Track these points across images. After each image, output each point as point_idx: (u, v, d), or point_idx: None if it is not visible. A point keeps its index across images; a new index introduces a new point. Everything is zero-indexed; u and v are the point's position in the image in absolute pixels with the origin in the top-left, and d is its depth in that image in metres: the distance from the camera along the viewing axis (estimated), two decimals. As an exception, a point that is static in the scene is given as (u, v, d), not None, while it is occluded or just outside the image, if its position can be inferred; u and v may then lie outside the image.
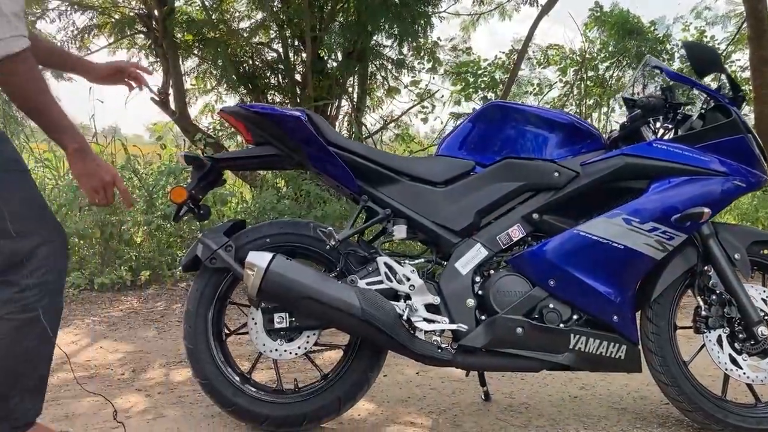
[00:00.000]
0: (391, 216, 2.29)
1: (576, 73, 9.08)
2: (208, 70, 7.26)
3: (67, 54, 2.19)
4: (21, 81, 1.65)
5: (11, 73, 1.63)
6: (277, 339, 2.28)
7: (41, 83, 1.68)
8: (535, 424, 2.37)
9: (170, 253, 4.82)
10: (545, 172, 2.27)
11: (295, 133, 2.27)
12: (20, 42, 1.62)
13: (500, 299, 2.20)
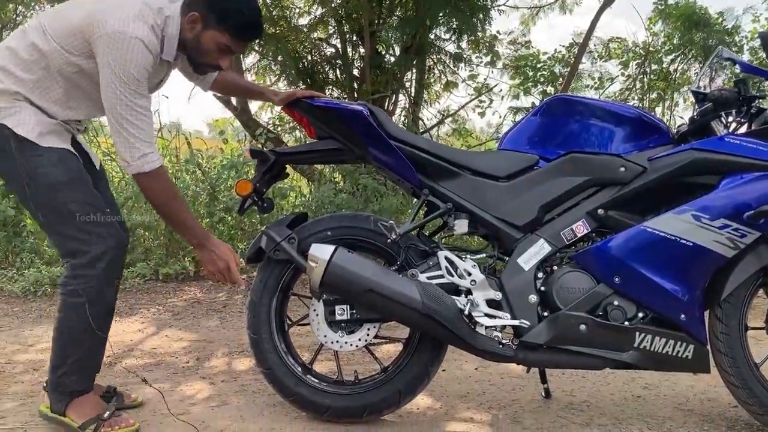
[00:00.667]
0: (452, 210, 2.29)
1: (639, 67, 8.84)
2: (269, 66, 7.36)
3: (251, 84, 2.50)
4: (152, 193, 2.10)
5: (144, 187, 2.09)
6: (338, 331, 2.30)
7: (170, 194, 2.12)
8: (597, 423, 2.33)
9: (232, 245, 4.91)
10: (611, 166, 2.23)
11: (357, 126, 2.28)
12: (149, 164, 2.04)
13: (563, 296, 2.18)
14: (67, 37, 2.01)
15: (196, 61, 2.19)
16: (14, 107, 2.02)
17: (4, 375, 2.85)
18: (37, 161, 2.03)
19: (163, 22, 2.07)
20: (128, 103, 1.99)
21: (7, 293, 4.16)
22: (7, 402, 2.52)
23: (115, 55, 1.96)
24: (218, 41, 2.10)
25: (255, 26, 2.16)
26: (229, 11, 2.07)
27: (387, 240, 2.28)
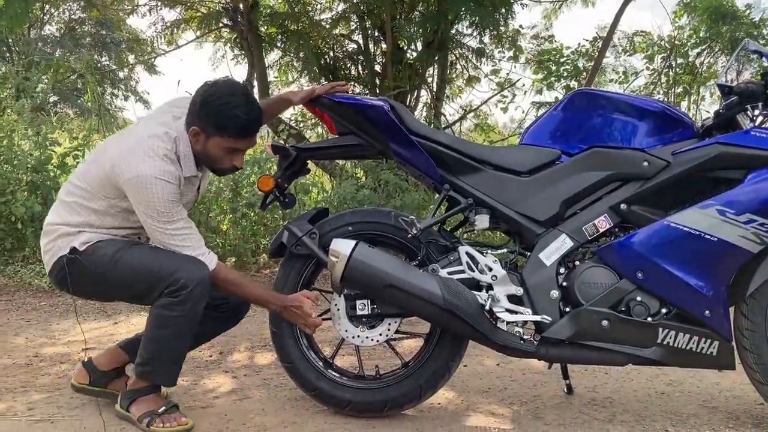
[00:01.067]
0: (473, 205, 2.28)
1: (664, 61, 8.73)
2: (291, 62, 7.40)
3: (271, 102, 2.54)
4: (222, 286, 2.25)
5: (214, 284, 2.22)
6: (359, 325, 2.31)
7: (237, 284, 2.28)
8: (620, 420, 2.32)
9: (254, 241, 4.96)
10: (634, 161, 2.21)
11: (377, 122, 2.29)
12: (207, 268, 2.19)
13: (585, 291, 2.16)
14: (101, 186, 2.18)
15: (213, 168, 2.29)
16: (77, 233, 2.21)
17: (32, 368, 2.90)
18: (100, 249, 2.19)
19: (173, 144, 2.19)
20: (166, 232, 2.15)
21: (34, 288, 4.23)
22: (35, 394, 2.56)
23: (140, 198, 2.12)
24: (223, 146, 2.19)
25: (253, 122, 2.19)
26: (225, 118, 2.15)
27: (408, 235, 2.28)
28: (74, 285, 2.23)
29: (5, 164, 4.75)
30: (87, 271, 2.18)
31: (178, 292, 2.12)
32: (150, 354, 2.20)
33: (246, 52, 6.75)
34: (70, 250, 2.19)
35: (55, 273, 2.25)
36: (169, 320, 2.15)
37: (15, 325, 3.59)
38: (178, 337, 2.18)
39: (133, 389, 2.26)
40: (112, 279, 2.17)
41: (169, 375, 2.25)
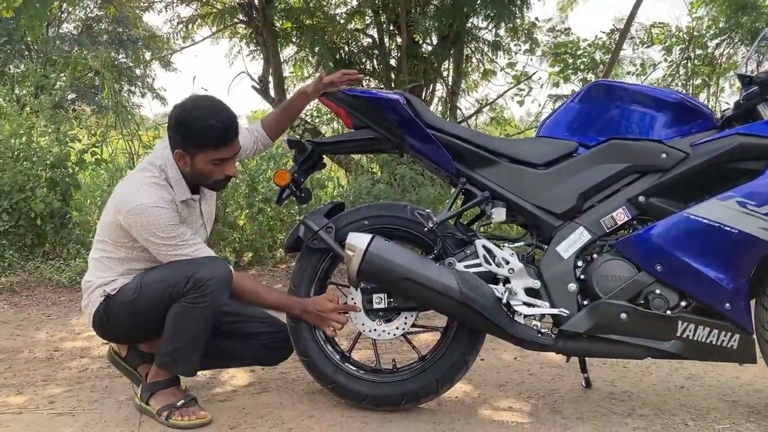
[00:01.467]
0: (489, 199, 2.27)
1: (682, 52, 8.63)
2: (306, 58, 7.40)
3: (287, 105, 2.57)
4: (240, 294, 2.30)
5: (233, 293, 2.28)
6: (376, 319, 2.32)
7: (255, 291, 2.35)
8: (639, 413, 2.30)
9: (271, 236, 4.97)
10: (652, 153, 2.18)
11: (393, 115, 2.28)
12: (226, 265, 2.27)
13: (604, 284, 2.15)
14: (114, 234, 2.26)
15: (208, 185, 2.31)
16: (110, 282, 2.28)
17: (53, 362, 2.94)
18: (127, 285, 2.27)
19: (160, 172, 2.24)
20: (176, 254, 2.21)
21: (54, 283, 4.27)
22: (55, 387, 2.59)
23: (141, 229, 2.17)
24: (209, 160, 2.21)
25: (228, 128, 2.19)
26: (199, 133, 2.17)
27: (424, 229, 2.28)
28: (113, 326, 2.29)
29: (24, 161, 4.80)
30: (120, 305, 2.24)
31: (199, 287, 2.15)
32: (171, 345, 2.22)
33: (261, 47, 6.76)
34: (104, 297, 2.26)
35: (96, 323, 2.32)
36: (191, 313, 2.17)
37: (36, 320, 3.63)
38: (198, 330, 2.20)
39: (153, 382, 2.28)
40: (142, 301, 2.22)
41: (189, 365, 2.27)
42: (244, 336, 2.44)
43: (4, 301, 3.97)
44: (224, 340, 2.42)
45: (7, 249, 4.56)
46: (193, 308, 2.17)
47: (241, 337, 2.44)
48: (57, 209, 4.72)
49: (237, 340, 2.44)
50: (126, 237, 2.24)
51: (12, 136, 4.88)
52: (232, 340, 2.44)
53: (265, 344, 2.44)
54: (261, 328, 2.45)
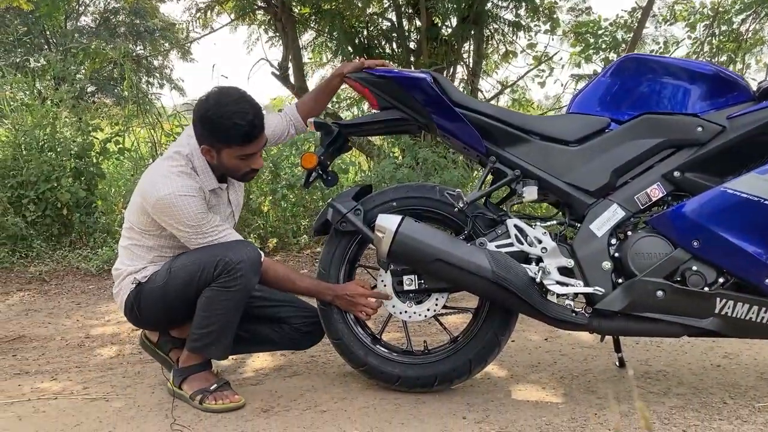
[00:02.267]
0: (520, 177, 2.23)
1: (707, 29, 8.46)
2: (324, 43, 7.36)
3: (320, 88, 2.57)
4: (272, 280, 2.30)
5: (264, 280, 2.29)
6: (407, 301, 2.30)
7: (286, 278, 2.33)
8: (676, 392, 2.27)
9: (294, 222, 4.97)
10: (687, 127, 2.13)
11: (420, 95, 2.25)
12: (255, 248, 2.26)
13: (639, 261, 2.10)
14: (141, 222, 2.27)
15: (236, 178, 2.33)
16: (140, 269, 2.30)
17: (84, 348, 2.96)
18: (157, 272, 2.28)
19: (186, 161, 2.24)
20: (208, 240, 2.21)
21: (82, 271, 4.31)
22: (88, 373, 2.61)
23: (170, 218, 2.18)
24: (235, 155, 2.20)
25: (254, 125, 2.17)
26: (225, 131, 2.15)
27: (453, 209, 2.25)
28: (145, 313, 2.30)
29: (49, 151, 4.83)
30: (151, 291, 2.25)
31: (229, 271, 2.15)
32: (202, 330, 2.22)
33: (280, 33, 6.73)
34: (135, 285, 2.27)
35: (128, 310, 2.33)
36: (221, 297, 2.17)
37: (66, 308, 3.66)
38: (230, 313, 2.20)
39: (185, 367, 2.29)
40: (172, 287, 2.22)
41: (221, 348, 2.27)
42: (274, 320, 2.44)
43: (34, 290, 4.01)
44: (255, 324, 2.42)
45: (35, 239, 4.61)
46: (224, 292, 2.17)
47: (272, 322, 2.44)
48: (82, 199, 4.75)
49: (268, 325, 2.44)
50: (153, 225, 2.25)
51: (36, 127, 4.91)
52: (263, 325, 2.44)
53: (296, 328, 2.44)
54: (292, 312, 2.44)
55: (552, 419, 2.08)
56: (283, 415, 2.16)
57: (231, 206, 2.40)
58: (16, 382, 2.53)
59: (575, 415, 2.11)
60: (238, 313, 2.23)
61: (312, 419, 2.12)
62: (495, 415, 2.12)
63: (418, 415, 2.14)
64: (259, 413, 2.18)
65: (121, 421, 2.14)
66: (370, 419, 2.11)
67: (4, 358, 2.84)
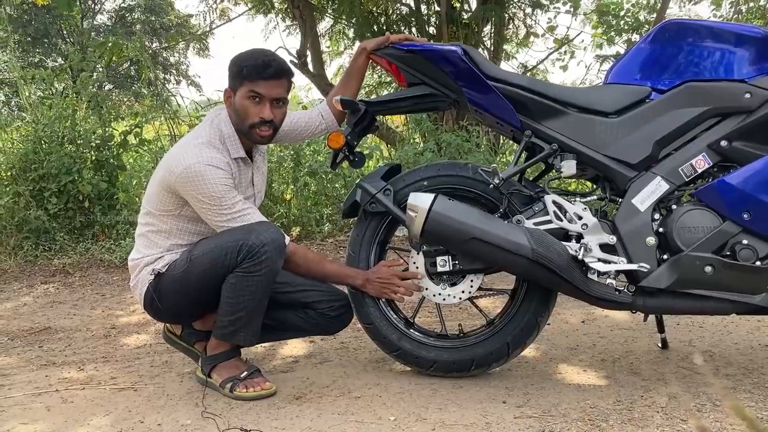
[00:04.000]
0: (558, 151, 2.14)
1: (733, 6, 8.27)
2: (343, 31, 7.27)
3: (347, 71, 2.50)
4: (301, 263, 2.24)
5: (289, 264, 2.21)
6: (440, 283, 2.22)
7: (314, 261, 2.28)
8: (724, 373, 2.17)
9: (317, 210, 4.90)
10: (734, 94, 2.03)
11: (451, 68, 2.17)
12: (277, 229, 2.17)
13: (685, 236, 2.01)
14: (160, 201, 2.21)
15: (246, 129, 2.20)
16: (157, 259, 2.23)
17: (111, 339, 2.92)
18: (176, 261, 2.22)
19: (215, 130, 2.20)
20: (227, 218, 2.13)
21: (106, 263, 4.28)
22: (115, 363, 2.57)
23: (193, 189, 2.11)
24: (246, 94, 2.16)
25: (268, 62, 2.16)
26: (239, 66, 2.17)
27: (487, 187, 2.17)
28: (166, 304, 2.22)
29: (69, 144, 4.81)
30: (171, 282, 2.18)
31: (253, 255, 2.07)
32: (230, 317, 2.15)
33: (298, 20, 6.66)
34: (154, 276, 2.21)
35: (148, 303, 2.26)
36: (247, 282, 2.10)
37: (91, 299, 3.63)
38: (256, 298, 2.13)
39: (214, 354, 2.23)
40: (194, 275, 2.15)
41: (250, 334, 2.20)
42: (301, 306, 2.36)
43: (58, 282, 3.98)
44: (281, 311, 2.34)
45: (58, 232, 4.58)
46: (250, 277, 2.10)
47: (297, 308, 2.36)
48: (104, 191, 4.72)
49: (294, 311, 2.36)
50: (173, 203, 2.18)
51: (56, 120, 4.88)
52: (288, 311, 2.36)
53: (323, 313, 2.35)
54: (318, 297, 2.35)
55: (597, 402, 1.99)
56: (316, 401, 2.09)
57: (254, 189, 2.33)
58: (43, 373, 2.48)
59: (620, 397, 2.02)
60: (265, 298, 2.16)
61: (346, 405, 2.05)
62: (536, 399, 2.04)
63: (456, 400, 2.06)
64: (292, 400, 2.11)
65: (151, 410, 2.09)
66: (406, 404, 2.04)
67: (30, 349, 2.81)
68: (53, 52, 20.41)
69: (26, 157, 4.70)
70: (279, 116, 2.20)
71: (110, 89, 17.70)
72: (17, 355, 2.72)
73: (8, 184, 4.72)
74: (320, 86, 6.81)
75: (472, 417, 1.92)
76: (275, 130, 2.21)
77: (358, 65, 2.42)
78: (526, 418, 1.90)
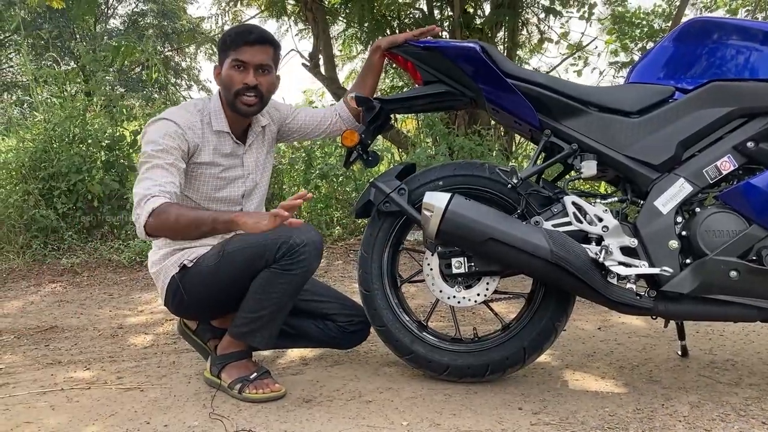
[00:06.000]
0: (578, 151, 2.08)
1: (748, 14, 8.19)
2: (355, 35, 7.25)
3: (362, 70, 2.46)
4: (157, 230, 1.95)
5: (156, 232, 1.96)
6: (455, 285, 2.16)
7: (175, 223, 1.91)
8: (748, 382, 2.10)
9: (327, 213, 4.86)
10: (761, 94, 1.96)
11: (468, 66, 2.12)
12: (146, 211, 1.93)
13: (709, 240, 1.94)
14: None
15: (231, 99, 2.16)
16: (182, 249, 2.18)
17: (118, 338, 2.87)
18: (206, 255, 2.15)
19: (203, 103, 2.23)
20: (146, 161, 2.04)
21: (114, 263, 4.25)
22: (122, 363, 2.52)
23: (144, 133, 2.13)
24: (230, 64, 2.14)
25: (251, 31, 2.17)
26: (225, 38, 2.19)
27: (504, 188, 2.11)
28: (189, 299, 2.15)
29: (80, 143, 4.79)
30: (200, 274, 2.11)
31: (292, 253, 2.01)
32: (252, 314, 2.09)
33: (311, 23, 6.63)
34: (180, 268, 2.14)
35: (171, 296, 2.18)
36: (280, 279, 2.04)
37: (98, 299, 3.59)
38: (284, 298, 2.07)
39: (225, 354, 2.18)
40: (225, 270, 2.08)
41: (267, 336, 2.14)
42: (320, 316, 2.31)
43: (65, 282, 3.95)
44: (300, 319, 2.29)
45: (67, 231, 4.56)
46: (284, 274, 2.03)
47: (316, 318, 2.31)
48: (114, 191, 4.70)
49: (313, 321, 2.31)
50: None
51: (67, 119, 4.87)
52: (307, 320, 2.31)
53: (342, 327, 2.30)
54: (338, 310, 2.31)
55: (616, 410, 1.93)
56: (327, 405, 2.04)
57: (243, 170, 2.25)
58: (49, 372, 2.44)
59: (640, 405, 1.96)
60: (292, 300, 2.11)
61: (357, 409, 2.00)
62: (553, 406, 1.98)
63: (471, 406, 2.00)
64: (301, 403, 2.06)
65: (157, 411, 2.04)
66: (419, 410, 1.98)
67: (36, 348, 2.77)
68: (66, 55, 20.52)
69: (36, 155, 4.69)
70: (265, 84, 2.16)
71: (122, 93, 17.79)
72: (23, 354, 2.68)
73: (18, 183, 4.71)
74: (332, 89, 6.78)
75: (487, 423, 1.86)
76: (261, 99, 2.17)
77: (373, 63, 2.38)
78: (543, 425, 1.84)
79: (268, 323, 2.10)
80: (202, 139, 2.14)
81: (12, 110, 6.86)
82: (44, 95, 5.36)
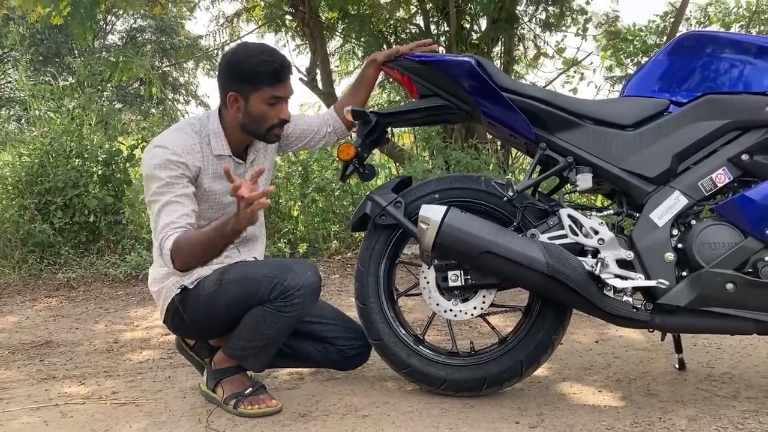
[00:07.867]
0: (573, 164, 2.09)
1: (742, 29, 8.26)
2: (352, 50, 7.28)
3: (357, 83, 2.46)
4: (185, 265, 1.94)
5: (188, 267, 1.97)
6: (451, 298, 2.16)
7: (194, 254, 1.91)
8: (746, 396, 2.09)
9: (324, 227, 4.86)
10: (755, 107, 1.97)
11: (464, 80, 2.13)
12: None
13: (705, 252, 1.94)
14: None
15: (262, 132, 2.13)
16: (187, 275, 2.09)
17: (113, 353, 2.86)
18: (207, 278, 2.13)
19: (200, 123, 2.14)
20: (154, 200, 2.00)
21: (110, 278, 4.23)
22: (117, 378, 2.51)
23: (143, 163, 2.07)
24: (263, 99, 2.06)
25: (283, 66, 2.07)
26: (253, 70, 2.04)
27: (500, 200, 2.12)
28: (188, 320, 2.14)
29: (76, 158, 4.79)
30: (199, 298, 2.10)
31: (286, 296, 2.00)
32: (244, 342, 2.09)
33: (308, 38, 6.67)
34: (180, 290, 2.13)
35: (170, 316, 2.17)
36: (273, 319, 2.03)
37: (94, 314, 3.57)
38: (277, 334, 2.08)
39: (220, 369, 2.17)
40: (221, 300, 2.07)
41: (259, 363, 2.15)
42: (319, 339, 2.30)
43: (61, 296, 3.94)
44: (299, 340, 2.28)
45: (63, 246, 4.55)
46: (278, 315, 2.02)
47: (316, 340, 2.30)
48: (110, 205, 4.69)
49: (312, 343, 2.30)
50: None
51: (63, 134, 4.87)
52: (307, 342, 2.30)
53: (342, 350, 2.29)
54: (339, 333, 2.30)
55: (613, 423, 1.92)
56: (323, 419, 2.03)
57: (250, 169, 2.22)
58: (43, 387, 2.43)
59: (638, 419, 1.95)
60: (286, 334, 2.12)
61: (353, 424, 1.98)
62: (550, 420, 1.96)
63: (467, 420, 1.99)
64: (297, 418, 2.05)
65: (153, 426, 2.02)
66: (415, 424, 1.97)
67: (31, 363, 2.75)
68: (64, 71, 20.57)
69: (33, 170, 4.68)
70: None
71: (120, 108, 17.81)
72: (17, 369, 2.67)
73: (14, 198, 4.70)
74: (329, 104, 6.80)
75: (484, 437, 1.85)
76: None
77: (367, 76, 2.39)
78: (540, 439, 1.83)
79: (261, 351, 2.11)
80: (203, 162, 2.10)
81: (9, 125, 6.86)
82: (41, 110, 5.36)
